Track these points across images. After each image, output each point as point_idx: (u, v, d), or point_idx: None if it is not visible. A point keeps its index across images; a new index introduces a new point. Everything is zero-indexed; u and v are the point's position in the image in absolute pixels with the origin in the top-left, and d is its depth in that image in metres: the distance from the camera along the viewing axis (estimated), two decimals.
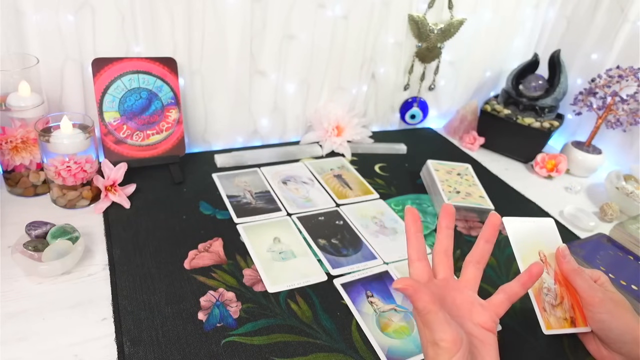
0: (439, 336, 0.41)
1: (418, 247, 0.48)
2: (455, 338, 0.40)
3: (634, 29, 0.99)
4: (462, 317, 0.46)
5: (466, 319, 0.46)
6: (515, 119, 1.04)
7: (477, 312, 0.47)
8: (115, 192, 0.75)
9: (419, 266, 0.47)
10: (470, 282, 0.50)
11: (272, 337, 0.57)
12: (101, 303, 0.59)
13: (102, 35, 0.77)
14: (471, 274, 0.50)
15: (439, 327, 0.41)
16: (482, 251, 0.51)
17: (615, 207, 0.89)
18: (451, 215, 0.51)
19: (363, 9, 0.93)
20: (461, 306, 0.47)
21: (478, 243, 0.51)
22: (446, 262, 0.50)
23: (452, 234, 0.51)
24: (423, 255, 0.48)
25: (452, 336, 0.41)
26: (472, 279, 0.50)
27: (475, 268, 0.50)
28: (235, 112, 0.94)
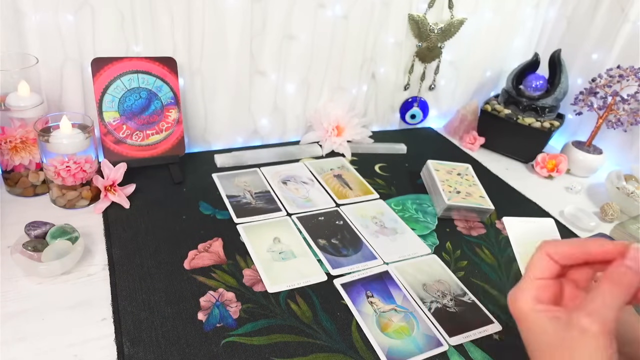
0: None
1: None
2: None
3: (635, 29, 0.99)
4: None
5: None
6: (515, 119, 1.04)
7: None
8: (114, 192, 0.75)
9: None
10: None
11: (272, 337, 0.57)
12: (101, 303, 0.59)
13: (101, 35, 0.77)
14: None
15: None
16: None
17: (615, 207, 0.88)
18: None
19: (363, 9, 0.93)
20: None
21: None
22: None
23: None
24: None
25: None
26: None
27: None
28: (235, 112, 0.94)
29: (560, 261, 0.40)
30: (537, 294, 0.39)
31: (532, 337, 0.38)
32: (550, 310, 0.38)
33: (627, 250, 0.37)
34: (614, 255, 0.38)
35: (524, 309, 0.38)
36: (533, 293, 0.39)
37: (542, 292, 0.39)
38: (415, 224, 0.81)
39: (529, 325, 0.38)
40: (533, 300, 0.38)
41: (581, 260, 0.40)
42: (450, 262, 0.73)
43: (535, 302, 0.38)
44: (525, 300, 0.38)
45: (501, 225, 0.83)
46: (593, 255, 0.39)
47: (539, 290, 0.39)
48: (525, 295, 0.39)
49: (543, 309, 0.38)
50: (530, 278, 0.39)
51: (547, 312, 0.38)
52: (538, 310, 0.38)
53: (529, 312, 0.38)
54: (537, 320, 0.38)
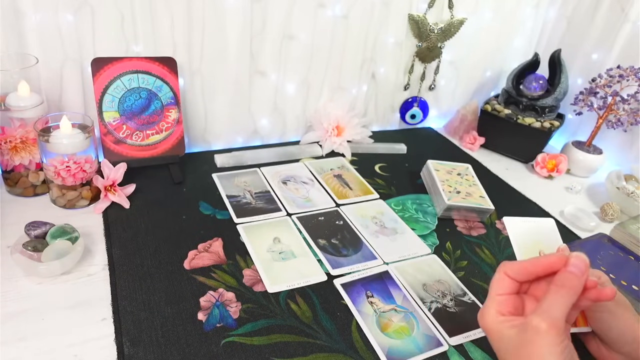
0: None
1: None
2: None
3: (635, 29, 0.99)
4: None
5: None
6: (515, 119, 1.04)
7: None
8: (114, 192, 0.75)
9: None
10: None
11: (272, 337, 0.57)
12: (101, 303, 0.59)
13: (101, 35, 0.77)
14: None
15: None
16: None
17: (615, 207, 0.88)
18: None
19: (363, 9, 0.93)
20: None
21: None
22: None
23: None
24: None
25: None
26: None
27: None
28: (235, 112, 0.94)
29: (516, 277, 0.47)
30: (499, 308, 0.45)
31: (499, 345, 0.44)
32: (510, 320, 0.44)
33: (569, 259, 0.44)
34: (558, 266, 0.45)
35: (489, 323, 0.45)
36: (495, 308, 0.45)
37: (503, 306, 0.45)
38: (415, 224, 0.81)
39: (495, 336, 0.44)
40: (496, 314, 0.45)
41: (533, 275, 0.47)
42: (450, 262, 0.73)
43: (498, 315, 0.45)
44: (490, 315, 0.45)
45: (501, 225, 0.83)
46: (541, 268, 0.46)
47: (500, 305, 0.45)
48: (489, 310, 0.45)
49: (505, 320, 0.44)
50: (492, 296, 0.46)
51: (509, 322, 0.44)
52: (500, 322, 0.44)
53: (493, 324, 0.44)
54: (501, 329, 0.44)
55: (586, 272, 0.44)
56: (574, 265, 0.44)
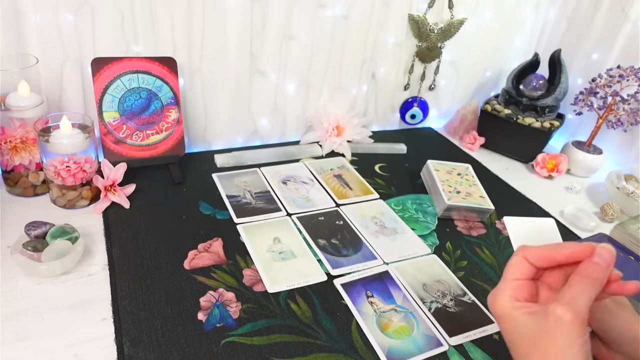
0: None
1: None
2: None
3: (635, 29, 0.99)
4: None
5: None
6: (515, 119, 1.04)
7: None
8: (114, 192, 0.75)
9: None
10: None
11: (272, 337, 0.57)
12: (101, 303, 0.59)
13: (101, 35, 0.77)
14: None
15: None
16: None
17: (615, 207, 0.88)
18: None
19: (363, 9, 0.93)
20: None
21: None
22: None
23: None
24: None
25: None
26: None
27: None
28: (235, 112, 0.94)
29: (536, 263, 0.44)
30: (514, 293, 0.42)
31: (512, 332, 0.41)
32: (527, 307, 0.41)
33: (595, 249, 0.41)
34: (582, 255, 0.42)
35: (503, 308, 0.42)
36: (510, 292, 0.42)
37: (519, 291, 0.42)
38: (415, 224, 0.81)
39: (508, 322, 0.41)
40: (511, 299, 0.42)
41: (554, 262, 0.44)
42: (450, 262, 0.73)
43: (513, 300, 0.42)
44: (504, 299, 0.42)
45: (501, 225, 0.83)
46: (564, 256, 0.43)
47: (516, 290, 0.42)
48: (503, 295, 0.42)
49: (520, 306, 0.41)
50: (508, 279, 0.43)
51: (525, 309, 0.41)
52: (516, 307, 0.41)
53: (508, 309, 0.41)
54: (516, 316, 0.41)
55: (612, 264, 0.41)
56: (600, 256, 0.41)
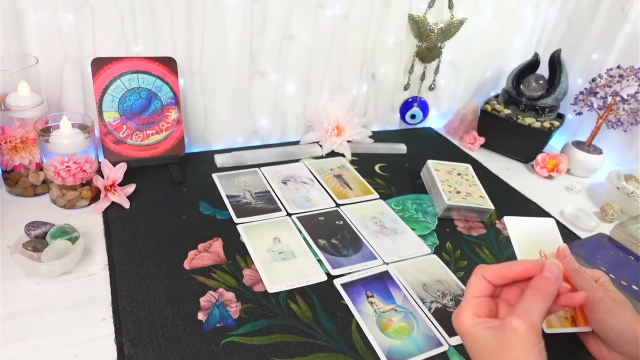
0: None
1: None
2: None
3: (635, 29, 0.99)
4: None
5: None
6: (515, 119, 1.04)
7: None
8: (114, 192, 0.75)
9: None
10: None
11: (272, 337, 0.57)
12: (101, 303, 0.59)
13: (101, 35, 0.77)
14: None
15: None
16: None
17: (615, 207, 0.88)
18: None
19: (363, 9, 0.93)
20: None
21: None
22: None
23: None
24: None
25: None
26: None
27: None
28: (235, 112, 0.94)
29: (492, 280, 0.47)
30: (474, 310, 0.45)
31: (474, 347, 0.44)
32: (487, 322, 0.44)
33: (545, 265, 0.46)
34: (534, 271, 0.46)
35: (465, 325, 0.45)
36: (472, 310, 0.45)
37: (479, 308, 0.46)
38: (415, 224, 0.81)
39: (471, 338, 0.45)
40: (472, 316, 0.45)
41: (508, 279, 0.48)
42: (450, 262, 0.73)
43: (474, 317, 0.45)
44: (466, 317, 0.45)
45: (501, 225, 0.83)
46: (516, 272, 0.47)
47: (476, 307, 0.46)
48: (465, 312, 0.46)
49: (481, 322, 0.44)
50: (469, 298, 0.47)
51: (485, 324, 0.44)
52: (477, 324, 0.44)
53: (469, 326, 0.45)
54: (477, 332, 0.44)
55: (560, 278, 0.46)
56: (550, 271, 0.45)
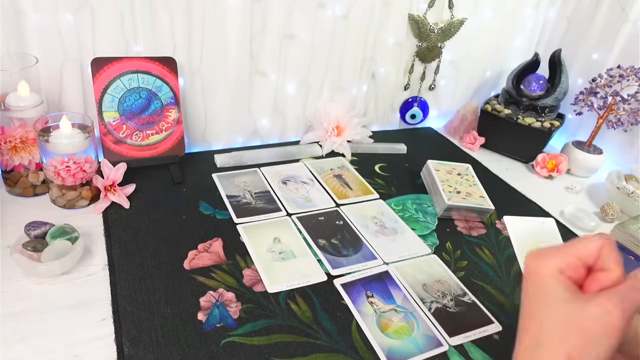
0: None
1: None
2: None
3: (635, 29, 0.99)
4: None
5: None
6: (515, 119, 1.04)
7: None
8: (114, 192, 0.75)
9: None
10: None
11: (272, 337, 0.57)
12: (101, 303, 0.58)
13: (101, 35, 0.77)
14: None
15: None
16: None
17: (616, 207, 0.88)
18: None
19: (363, 9, 0.93)
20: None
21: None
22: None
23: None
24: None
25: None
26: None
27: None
28: (235, 112, 0.93)
29: (603, 262, 0.39)
30: (565, 267, 0.37)
31: (539, 298, 0.37)
32: (569, 284, 0.37)
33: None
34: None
35: (545, 270, 0.37)
36: (562, 265, 0.37)
37: (570, 270, 0.37)
38: (415, 224, 0.81)
39: (540, 287, 0.37)
40: (557, 269, 0.37)
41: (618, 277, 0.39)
42: (450, 262, 0.73)
43: (557, 271, 0.37)
44: (551, 266, 0.37)
45: (501, 225, 0.83)
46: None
47: (569, 267, 0.37)
48: (553, 262, 0.37)
49: (564, 279, 0.37)
50: (568, 252, 0.38)
51: (566, 283, 0.36)
52: (558, 278, 0.36)
53: (549, 275, 0.37)
54: (553, 285, 0.36)
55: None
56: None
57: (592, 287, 0.37)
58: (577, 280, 0.38)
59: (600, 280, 0.37)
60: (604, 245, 0.38)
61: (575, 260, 0.37)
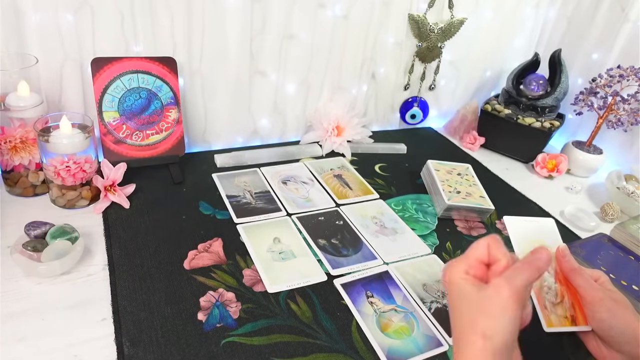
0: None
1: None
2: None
3: (635, 29, 0.99)
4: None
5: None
6: (515, 119, 1.04)
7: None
8: (114, 192, 0.75)
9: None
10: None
11: (272, 337, 0.57)
12: (101, 303, 0.58)
13: (101, 35, 0.77)
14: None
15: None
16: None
17: (616, 207, 0.88)
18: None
19: (363, 9, 0.93)
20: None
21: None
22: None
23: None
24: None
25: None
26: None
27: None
28: (235, 112, 0.93)
29: (495, 257, 0.49)
30: (468, 268, 0.48)
31: (456, 297, 0.47)
32: (474, 280, 0.47)
33: (535, 249, 0.48)
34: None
35: (454, 275, 0.48)
36: (466, 267, 0.48)
37: (473, 269, 0.48)
38: (415, 224, 0.81)
39: (455, 287, 0.47)
40: (463, 272, 0.48)
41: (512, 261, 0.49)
42: None
43: (464, 273, 0.47)
44: (458, 270, 0.48)
45: (501, 225, 0.83)
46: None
47: (471, 267, 0.48)
48: (459, 266, 0.48)
49: (469, 278, 0.47)
50: (469, 256, 0.49)
51: (472, 280, 0.47)
52: (465, 278, 0.47)
53: (458, 278, 0.47)
54: (463, 284, 0.47)
55: (549, 262, 0.47)
56: (539, 253, 0.47)
57: (491, 278, 0.47)
58: (482, 277, 0.48)
59: (495, 271, 0.48)
60: (490, 243, 0.48)
61: (474, 262, 0.48)
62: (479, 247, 0.49)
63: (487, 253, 0.49)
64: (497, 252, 0.48)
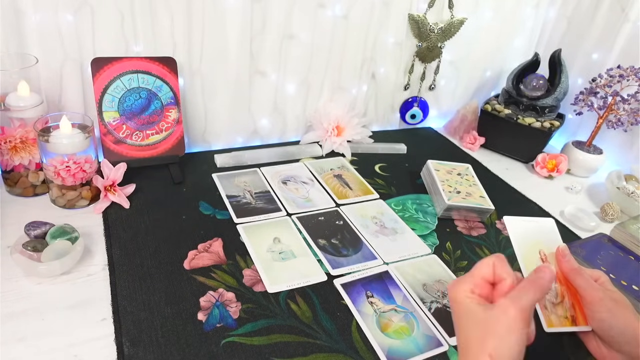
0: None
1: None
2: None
3: (635, 29, 0.99)
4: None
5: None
6: (515, 119, 1.04)
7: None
8: (114, 192, 0.75)
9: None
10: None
11: (272, 337, 0.57)
12: (100, 303, 0.58)
13: (101, 35, 0.77)
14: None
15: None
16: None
17: (616, 207, 0.88)
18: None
19: (363, 9, 0.93)
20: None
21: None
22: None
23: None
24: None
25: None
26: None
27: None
28: (235, 112, 0.94)
29: (499, 276, 0.49)
30: (474, 287, 0.48)
31: (461, 316, 0.47)
32: (480, 300, 0.47)
33: (539, 267, 0.49)
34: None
35: (460, 294, 0.48)
36: (471, 286, 0.48)
37: (478, 288, 0.48)
38: (415, 224, 0.81)
39: (461, 307, 0.47)
40: (469, 290, 0.48)
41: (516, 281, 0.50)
42: (450, 262, 0.73)
43: (469, 292, 0.48)
44: (464, 289, 0.48)
45: (501, 225, 0.83)
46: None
47: (476, 286, 0.48)
48: (464, 285, 0.48)
49: (475, 298, 0.47)
50: (474, 274, 0.49)
51: (478, 300, 0.47)
52: (470, 297, 0.47)
53: (463, 297, 0.47)
54: (468, 303, 0.47)
55: (552, 280, 0.48)
56: (543, 271, 0.48)
57: (496, 297, 0.48)
58: (487, 296, 0.48)
59: (500, 290, 0.48)
60: (495, 262, 0.49)
61: (479, 280, 0.48)
62: (484, 266, 0.49)
63: (492, 272, 0.49)
64: (502, 272, 0.48)
